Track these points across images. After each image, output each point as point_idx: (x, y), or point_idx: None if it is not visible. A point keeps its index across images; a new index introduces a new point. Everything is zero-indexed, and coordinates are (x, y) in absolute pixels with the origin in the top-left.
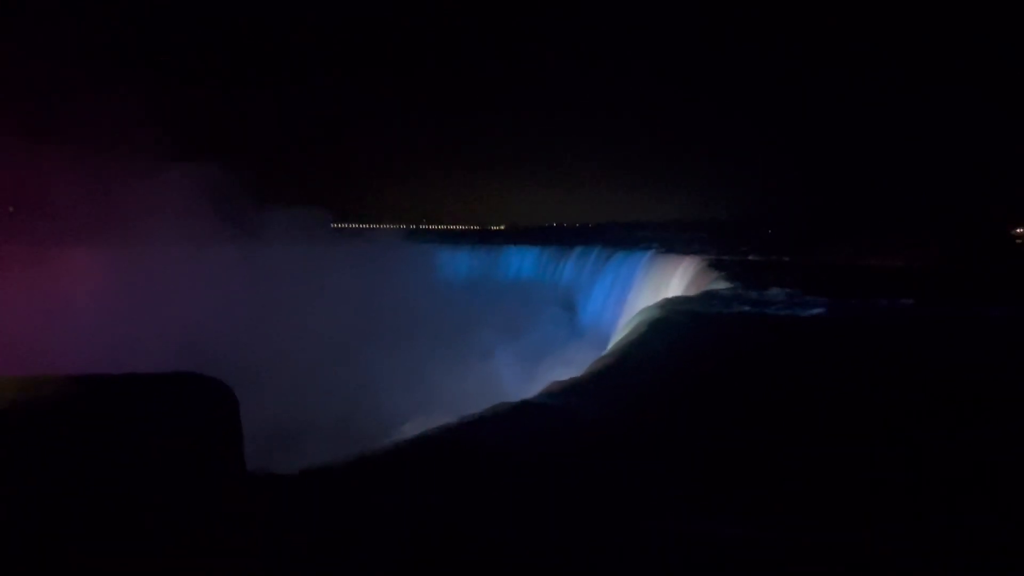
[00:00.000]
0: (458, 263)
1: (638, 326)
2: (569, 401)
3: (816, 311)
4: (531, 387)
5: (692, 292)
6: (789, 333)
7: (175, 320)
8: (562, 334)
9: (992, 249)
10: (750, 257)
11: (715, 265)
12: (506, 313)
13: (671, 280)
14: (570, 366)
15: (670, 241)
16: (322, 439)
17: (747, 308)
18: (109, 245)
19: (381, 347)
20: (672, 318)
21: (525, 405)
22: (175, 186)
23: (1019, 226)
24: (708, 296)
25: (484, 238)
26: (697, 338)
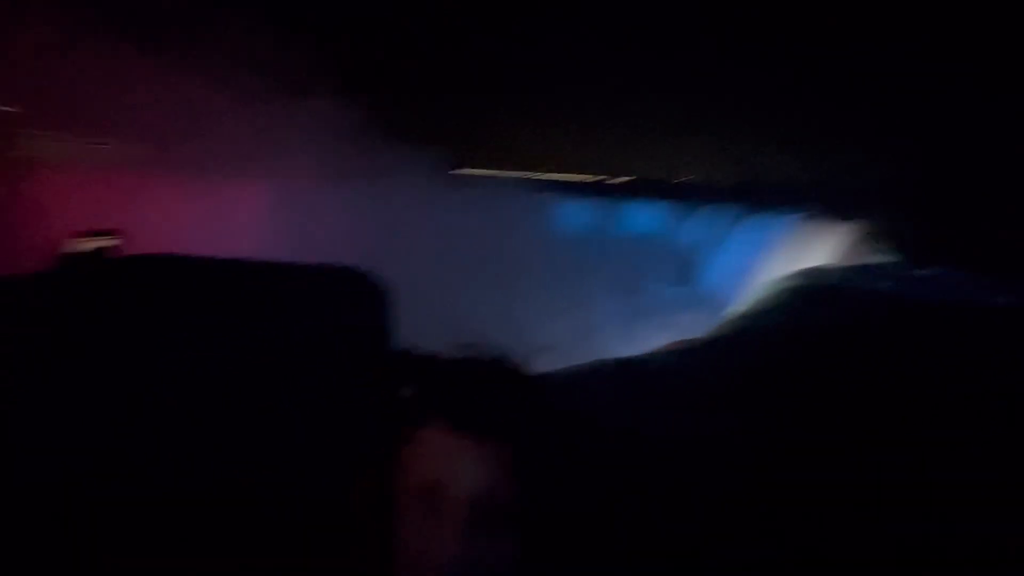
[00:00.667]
0: (573, 213)
1: (768, 296)
2: (673, 364)
3: (995, 301)
4: (633, 347)
5: (842, 264)
6: (970, 326)
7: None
8: (676, 297)
9: None
10: (926, 229)
11: (879, 235)
12: (617, 269)
13: (817, 250)
14: (679, 331)
15: (822, 205)
16: None
17: (904, 288)
18: (253, 177)
19: (486, 291)
20: (811, 291)
21: (625, 363)
22: (314, 119)
23: None
24: (863, 271)
25: (604, 190)
26: (837, 317)
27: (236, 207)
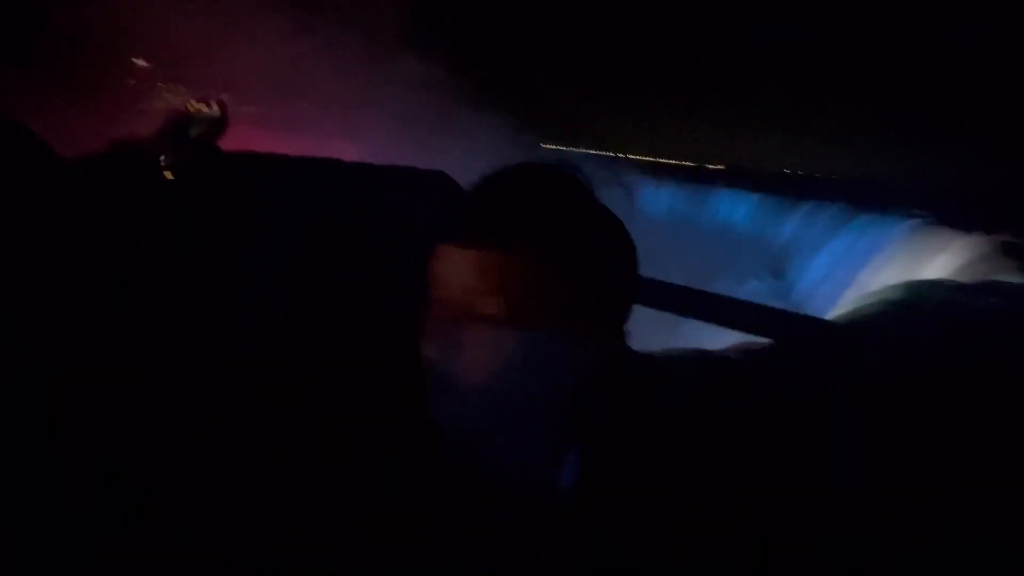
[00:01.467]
0: (660, 198)
1: (869, 305)
2: (750, 365)
3: None
4: (710, 342)
5: (962, 279)
6: None
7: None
8: (765, 298)
9: None
10: None
11: (1012, 251)
12: (703, 260)
13: (934, 260)
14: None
15: (946, 209)
16: None
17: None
18: (351, 141)
19: None
20: (921, 304)
21: (703, 356)
22: (403, 80)
23: None
24: (987, 288)
25: (696, 176)
26: (949, 337)
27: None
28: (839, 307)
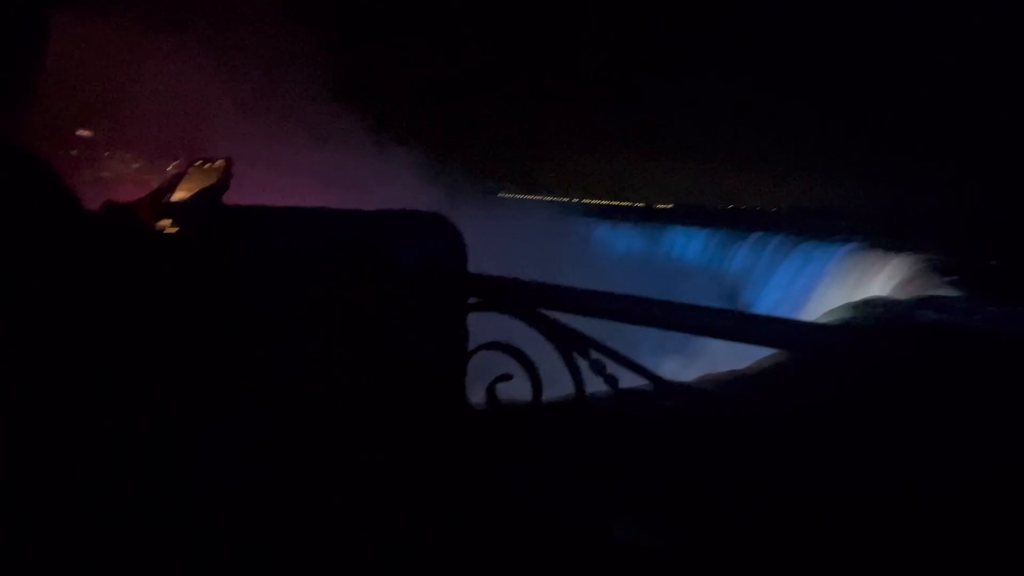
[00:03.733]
0: (616, 239)
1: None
2: (717, 392)
3: None
4: (679, 375)
5: (900, 296)
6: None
7: None
8: None
9: None
10: (992, 262)
11: (938, 267)
12: (661, 293)
13: (874, 281)
14: (728, 363)
15: (876, 234)
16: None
17: (972, 323)
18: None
19: None
20: (868, 322)
21: (670, 385)
22: (356, 139)
23: None
24: (920, 303)
25: (648, 216)
26: (889, 349)
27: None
28: None
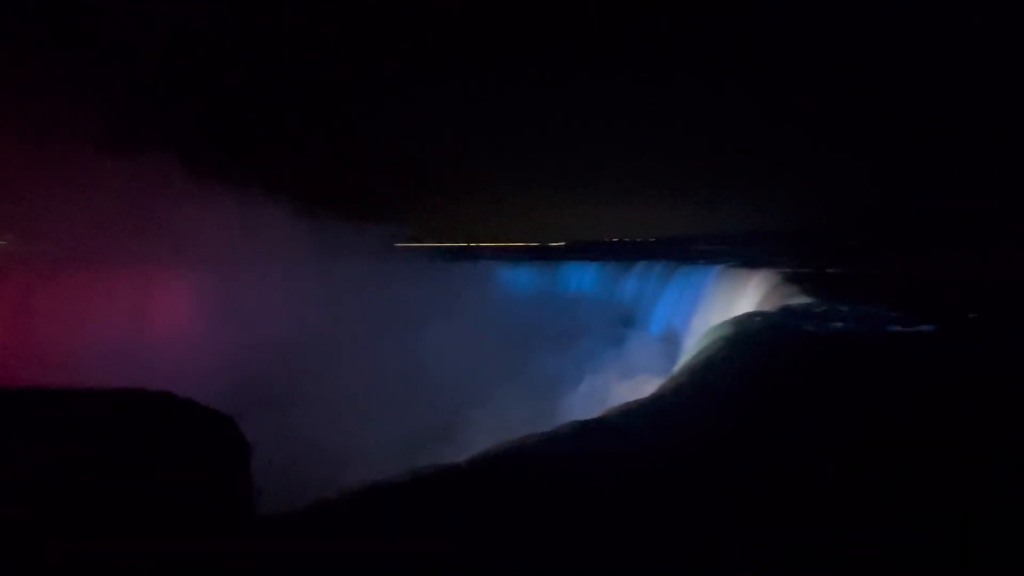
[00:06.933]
0: (516, 279)
1: (709, 345)
2: (635, 423)
3: (908, 329)
4: (591, 408)
5: (767, 308)
6: (881, 354)
7: (242, 335)
8: (624, 353)
9: None
10: (829, 270)
11: (792, 279)
12: (565, 331)
13: (743, 296)
14: (633, 386)
15: (739, 254)
16: (379, 455)
17: (831, 325)
18: (183, 264)
19: (440, 363)
20: (746, 337)
21: (588, 425)
22: (249, 204)
23: None
24: (785, 312)
25: (543, 254)
26: (774, 358)
27: (179, 296)
28: (690, 345)
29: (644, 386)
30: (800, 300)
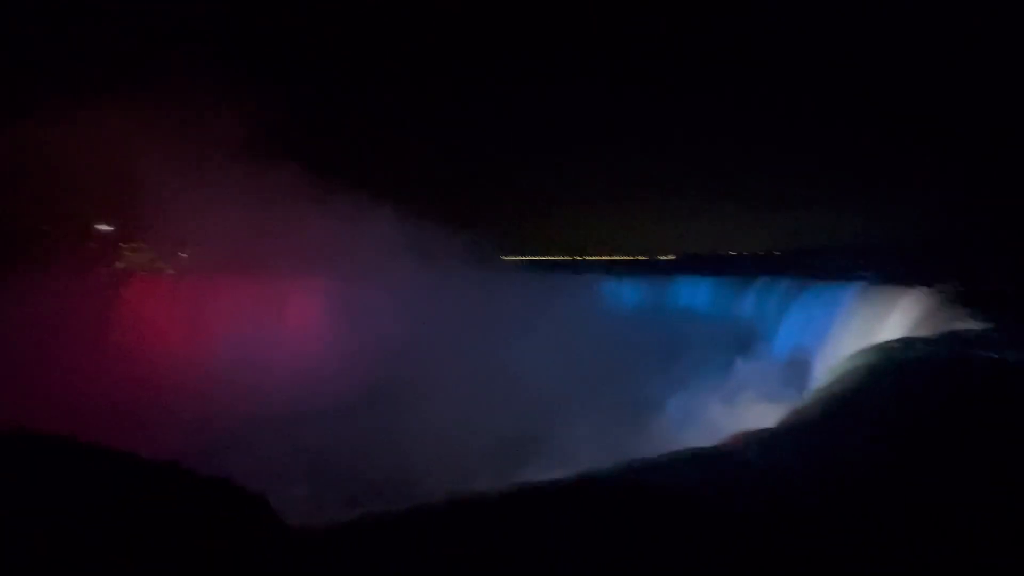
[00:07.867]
0: (621, 293)
1: (849, 373)
2: (759, 454)
3: None
4: (698, 433)
5: (924, 332)
6: None
7: (364, 341)
8: (739, 378)
9: None
10: (989, 288)
11: (956, 299)
12: (675, 352)
13: (889, 318)
14: (750, 414)
15: (884, 269)
16: (481, 469)
17: (1010, 355)
18: (309, 274)
19: (537, 375)
20: (898, 365)
21: (700, 455)
22: (374, 219)
23: None
24: (949, 338)
25: (652, 268)
26: (935, 391)
27: (301, 302)
28: (822, 372)
29: (764, 415)
30: (967, 325)
